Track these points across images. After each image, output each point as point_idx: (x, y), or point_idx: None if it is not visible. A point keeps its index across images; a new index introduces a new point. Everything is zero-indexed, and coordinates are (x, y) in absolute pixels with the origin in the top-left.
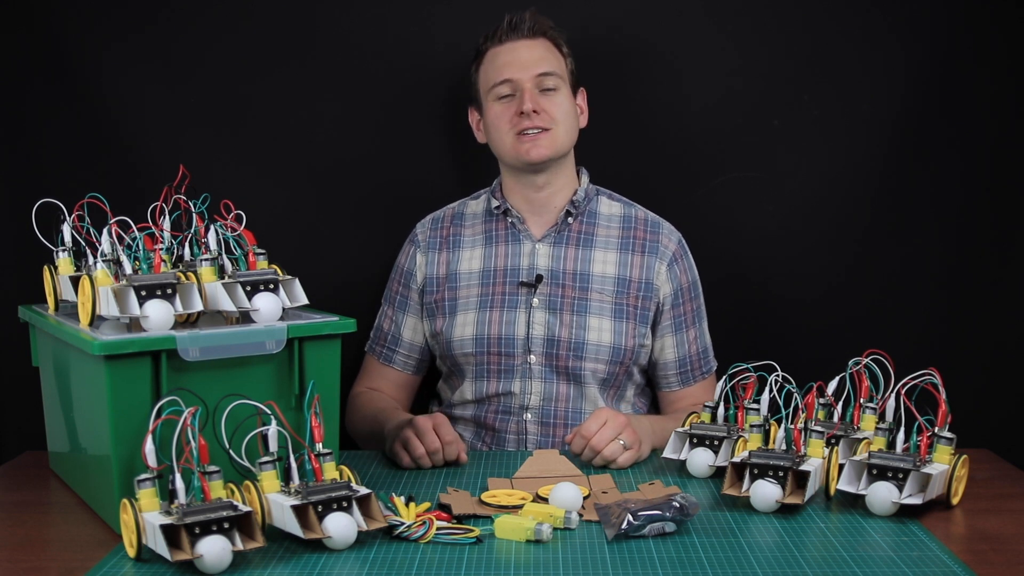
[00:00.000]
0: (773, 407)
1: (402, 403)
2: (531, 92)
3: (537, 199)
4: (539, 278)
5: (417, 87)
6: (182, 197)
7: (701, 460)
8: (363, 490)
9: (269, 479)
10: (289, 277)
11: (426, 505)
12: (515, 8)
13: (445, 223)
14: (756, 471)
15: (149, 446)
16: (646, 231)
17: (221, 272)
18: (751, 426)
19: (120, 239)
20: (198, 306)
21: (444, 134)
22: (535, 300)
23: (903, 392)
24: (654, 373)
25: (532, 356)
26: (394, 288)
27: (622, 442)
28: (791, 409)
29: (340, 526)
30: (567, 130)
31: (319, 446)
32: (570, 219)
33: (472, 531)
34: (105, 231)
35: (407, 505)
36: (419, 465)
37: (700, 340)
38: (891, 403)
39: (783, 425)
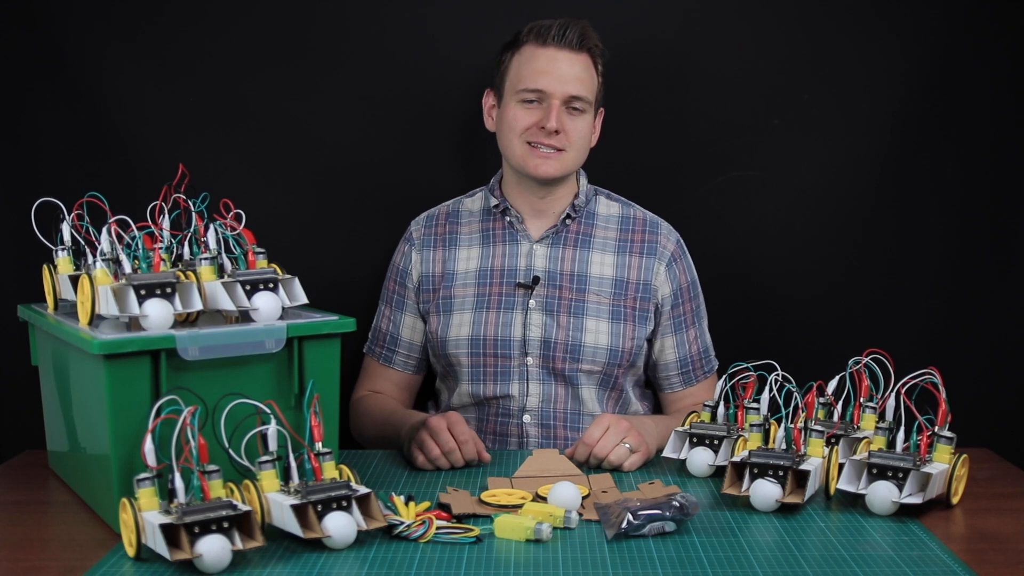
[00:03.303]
0: (773, 406)
1: (404, 404)
2: (558, 110)
3: (539, 203)
4: (536, 280)
5: (417, 86)
6: (181, 196)
7: (701, 459)
8: (363, 489)
9: (268, 478)
10: (289, 276)
11: (426, 504)
12: (515, 11)
13: (440, 220)
14: (756, 470)
15: (148, 445)
16: (644, 232)
17: (220, 271)
18: (751, 425)
19: (119, 238)
20: (197, 305)
21: (444, 132)
22: (532, 302)
23: (903, 391)
24: (655, 375)
25: (529, 358)
26: (391, 287)
27: (627, 446)
28: (791, 408)
29: (340, 525)
30: (579, 153)
31: (319, 445)
32: (569, 221)
33: (472, 530)
34: (104, 230)
35: (407, 504)
36: (436, 466)
37: (700, 340)
38: (891, 402)
39: (783, 424)
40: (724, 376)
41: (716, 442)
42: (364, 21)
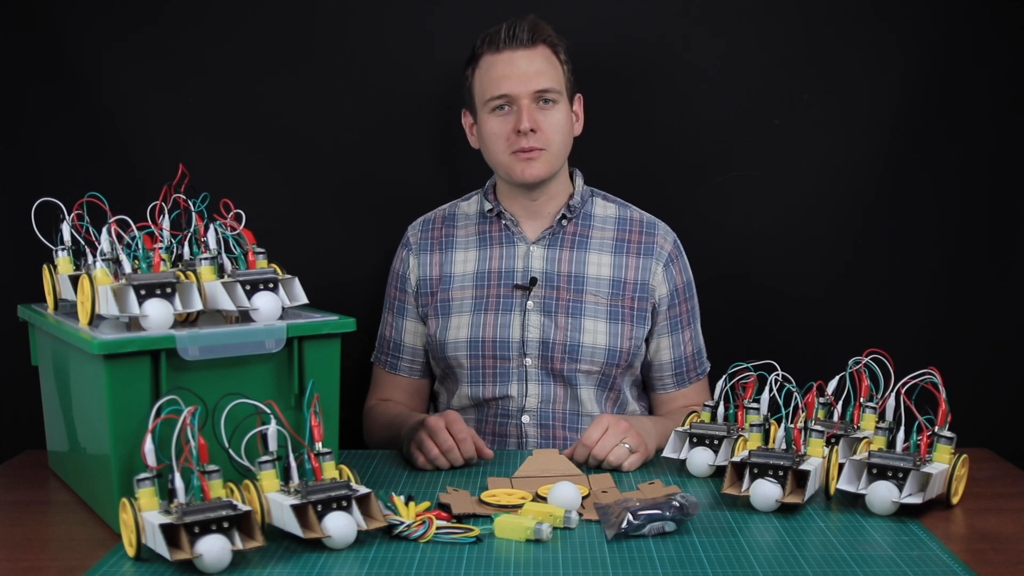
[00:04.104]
0: (773, 406)
1: (416, 410)
2: (528, 109)
3: (532, 205)
4: (533, 280)
5: (414, 89)
6: (181, 196)
7: (701, 459)
8: (363, 489)
9: (268, 478)
10: (289, 276)
11: (426, 504)
12: (511, 11)
13: (436, 224)
14: (756, 470)
15: (148, 445)
16: (641, 232)
17: (220, 271)
18: (751, 425)
19: (119, 238)
20: (197, 305)
21: (441, 135)
22: (530, 303)
23: (903, 391)
24: (649, 374)
25: (528, 359)
26: (392, 294)
27: (627, 446)
28: (791, 408)
29: (340, 525)
30: (562, 146)
31: (319, 445)
32: (565, 222)
33: (472, 530)
34: (104, 230)
35: (407, 504)
36: (436, 466)
37: (695, 341)
38: (891, 402)
39: (783, 424)
40: (724, 376)
41: (716, 442)
42: (364, 23)
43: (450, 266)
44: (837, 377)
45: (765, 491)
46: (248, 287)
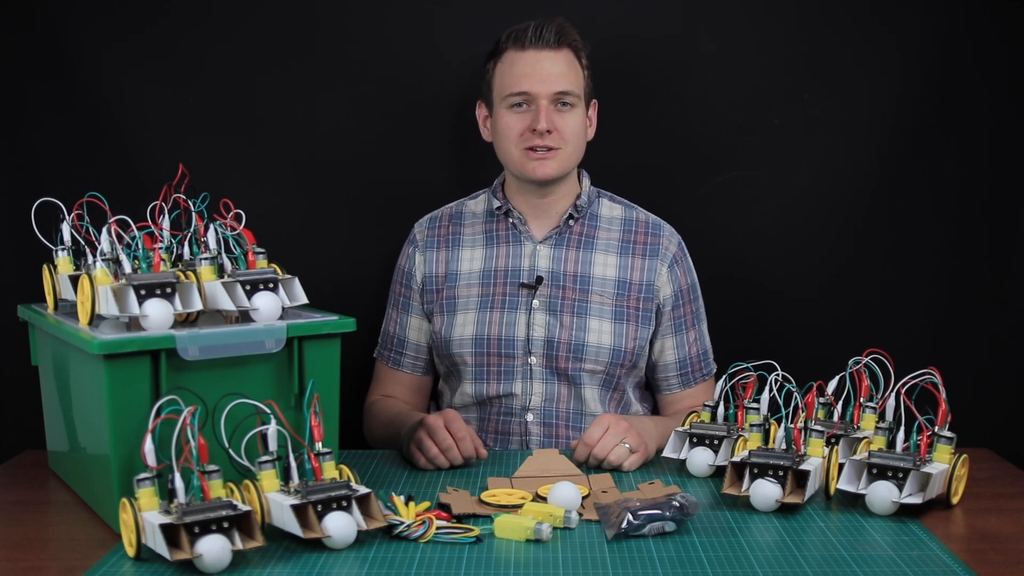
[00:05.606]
0: (773, 406)
1: (417, 407)
2: (546, 110)
3: (540, 204)
4: (539, 279)
5: (417, 87)
6: (181, 196)
7: (701, 459)
8: (363, 489)
9: (268, 478)
10: (289, 276)
11: (426, 504)
12: (516, 9)
13: (443, 222)
14: (756, 470)
15: (148, 445)
16: (647, 234)
17: (220, 271)
18: (751, 425)
19: (119, 238)
20: (197, 305)
21: (445, 133)
22: (535, 302)
23: (903, 391)
24: (654, 375)
25: (532, 357)
26: (396, 290)
27: (627, 446)
28: (791, 408)
29: (339, 525)
30: (576, 149)
31: (319, 445)
32: (571, 222)
33: (472, 530)
34: (104, 230)
35: (407, 504)
36: (436, 465)
37: (700, 342)
38: (891, 402)
39: (783, 424)
40: (724, 376)
41: (716, 442)
42: (366, 23)
43: (456, 263)
44: (837, 377)
45: (765, 491)
46: (248, 287)
